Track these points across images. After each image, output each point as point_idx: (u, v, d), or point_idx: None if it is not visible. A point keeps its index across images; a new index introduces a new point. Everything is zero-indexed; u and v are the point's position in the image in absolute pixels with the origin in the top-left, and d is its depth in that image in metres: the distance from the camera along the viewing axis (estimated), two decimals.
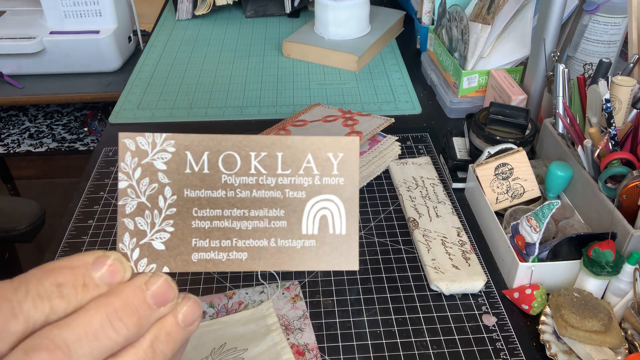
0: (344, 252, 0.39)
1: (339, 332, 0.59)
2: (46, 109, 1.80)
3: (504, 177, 0.70)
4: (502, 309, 0.61)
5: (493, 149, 0.72)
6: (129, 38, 1.39)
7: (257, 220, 0.38)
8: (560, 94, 0.72)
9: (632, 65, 0.70)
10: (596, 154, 0.64)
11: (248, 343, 0.56)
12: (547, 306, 0.59)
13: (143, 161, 0.36)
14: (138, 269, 0.35)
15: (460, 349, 0.57)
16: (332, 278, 0.65)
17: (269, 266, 0.38)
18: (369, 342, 0.58)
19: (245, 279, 0.65)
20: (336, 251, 0.39)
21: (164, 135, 0.35)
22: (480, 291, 0.63)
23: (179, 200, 0.37)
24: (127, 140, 0.35)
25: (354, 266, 0.38)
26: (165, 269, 0.36)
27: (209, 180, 0.37)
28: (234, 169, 0.37)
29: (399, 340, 0.58)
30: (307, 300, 0.62)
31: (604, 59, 0.68)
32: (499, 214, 0.69)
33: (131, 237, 0.36)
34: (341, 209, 0.38)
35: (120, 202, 0.36)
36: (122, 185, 0.35)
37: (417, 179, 0.79)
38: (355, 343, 0.58)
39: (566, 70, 0.71)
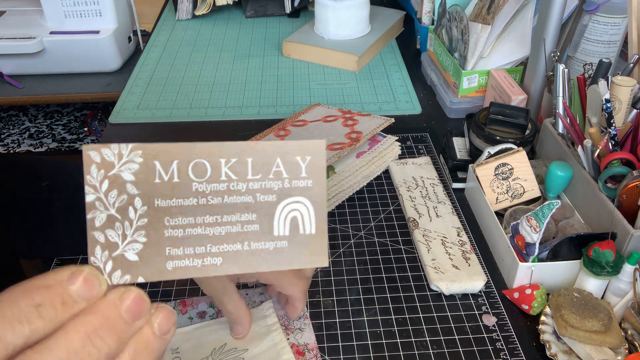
0: (315, 250, 0.40)
1: (339, 332, 0.59)
2: (46, 109, 1.80)
3: (504, 177, 0.70)
4: (502, 309, 0.61)
5: (493, 149, 0.72)
6: (129, 38, 1.39)
7: (230, 225, 0.38)
8: (560, 94, 0.72)
9: (632, 65, 0.70)
10: (596, 154, 0.64)
11: (248, 343, 0.56)
12: (547, 306, 0.59)
13: (110, 173, 0.35)
14: (112, 281, 0.34)
15: (460, 349, 0.57)
16: (332, 278, 0.65)
17: (244, 269, 0.39)
18: (369, 342, 0.58)
19: None
20: (307, 250, 0.39)
21: (131, 145, 0.35)
22: (480, 291, 0.63)
23: (149, 211, 0.36)
24: (91, 153, 0.34)
25: (324, 263, 0.40)
26: (141, 279, 0.35)
27: (179, 189, 0.36)
28: (204, 176, 0.37)
29: (399, 340, 0.58)
30: (307, 300, 0.62)
31: (604, 59, 0.68)
32: (499, 214, 0.69)
33: (102, 250, 0.35)
34: (310, 210, 0.39)
35: (88, 216, 0.35)
36: (89, 198, 0.35)
37: (417, 179, 0.79)
38: (355, 343, 0.58)
39: (566, 70, 0.71)
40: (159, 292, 0.63)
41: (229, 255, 0.38)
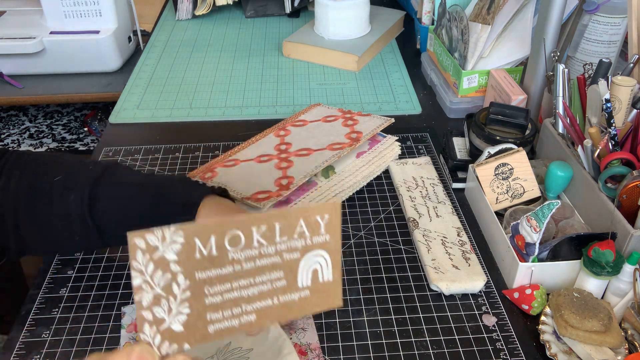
0: (332, 295, 0.45)
1: (339, 332, 0.59)
2: (46, 109, 1.80)
3: (504, 177, 0.70)
4: (502, 309, 0.61)
5: (493, 149, 0.72)
6: (129, 38, 1.39)
7: (262, 284, 0.42)
8: (560, 94, 0.72)
9: (632, 65, 0.70)
10: (596, 154, 0.64)
11: (252, 343, 0.56)
12: (547, 306, 0.59)
13: (154, 256, 0.37)
14: (162, 352, 0.38)
15: (460, 349, 0.57)
16: None
17: (274, 320, 0.43)
18: (369, 342, 0.58)
19: None
20: (325, 295, 0.44)
21: (173, 227, 0.37)
22: (480, 291, 0.63)
23: (191, 284, 0.39)
24: (137, 240, 0.37)
25: (339, 303, 0.45)
26: (186, 346, 0.39)
27: (217, 260, 0.39)
28: (239, 245, 0.40)
29: (399, 340, 0.58)
30: None
31: (604, 59, 0.68)
32: (499, 214, 0.69)
33: (151, 326, 0.38)
34: (328, 261, 0.44)
35: (136, 298, 0.38)
36: (136, 282, 0.37)
37: (417, 179, 0.79)
38: (355, 343, 0.58)
39: (566, 70, 0.71)
40: None
41: (262, 311, 0.42)
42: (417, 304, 0.62)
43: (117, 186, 0.57)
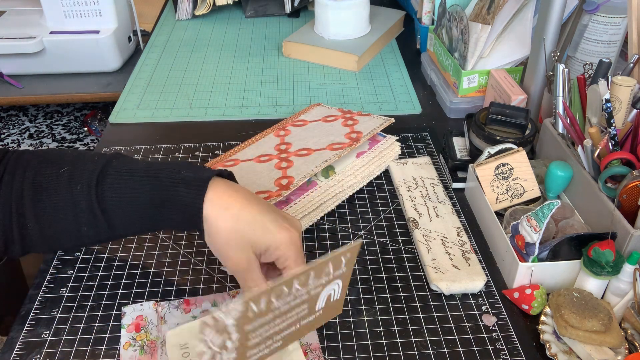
0: (337, 309, 0.52)
1: (339, 332, 0.59)
2: (46, 109, 1.80)
3: (504, 177, 0.70)
4: (502, 309, 0.61)
5: (493, 149, 0.72)
6: (129, 38, 1.39)
7: (290, 318, 0.47)
8: (560, 94, 0.72)
9: (632, 65, 0.70)
10: (596, 154, 0.64)
11: None
12: (547, 306, 0.59)
13: (218, 325, 0.42)
14: None
15: (460, 349, 0.57)
16: None
17: (293, 341, 0.50)
18: (369, 342, 0.58)
19: None
20: (332, 310, 0.51)
21: (238, 300, 0.42)
22: (480, 291, 0.63)
23: (241, 336, 0.43)
24: (208, 320, 0.41)
25: (340, 311, 0.54)
26: None
27: (263, 312, 0.44)
28: (281, 296, 0.44)
29: (399, 340, 0.58)
30: None
31: (604, 59, 0.68)
32: (499, 214, 0.69)
33: None
34: (340, 286, 0.49)
35: (196, 358, 0.44)
36: (199, 348, 0.43)
37: (417, 179, 0.79)
38: (355, 343, 0.58)
39: (566, 70, 0.71)
40: (159, 292, 0.63)
41: (286, 337, 0.48)
42: (417, 304, 0.62)
43: (125, 171, 0.56)
